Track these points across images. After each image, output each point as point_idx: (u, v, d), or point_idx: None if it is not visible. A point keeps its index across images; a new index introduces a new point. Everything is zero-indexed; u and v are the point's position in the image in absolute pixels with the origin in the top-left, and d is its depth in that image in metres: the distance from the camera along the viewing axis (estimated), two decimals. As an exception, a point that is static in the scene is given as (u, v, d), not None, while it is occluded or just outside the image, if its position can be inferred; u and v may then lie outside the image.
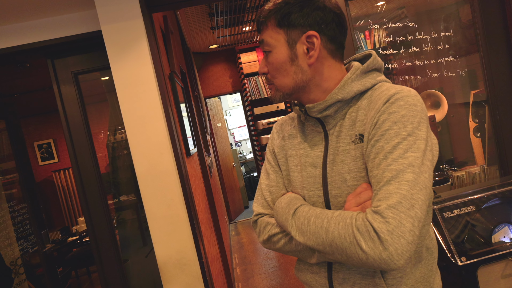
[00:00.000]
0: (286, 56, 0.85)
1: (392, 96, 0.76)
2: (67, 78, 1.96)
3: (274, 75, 0.88)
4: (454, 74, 2.11)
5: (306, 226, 0.79)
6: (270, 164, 1.02)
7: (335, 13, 0.85)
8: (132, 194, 2.58)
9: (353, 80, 0.85)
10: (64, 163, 5.98)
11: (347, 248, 0.70)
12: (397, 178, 0.69)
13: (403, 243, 0.65)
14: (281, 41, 0.85)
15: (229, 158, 5.84)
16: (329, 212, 0.77)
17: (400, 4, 2.35)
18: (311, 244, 0.78)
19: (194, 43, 4.62)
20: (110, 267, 2.00)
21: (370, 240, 0.67)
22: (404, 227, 0.66)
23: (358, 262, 0.70)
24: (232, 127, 8.12)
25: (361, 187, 0.78)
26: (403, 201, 0.67)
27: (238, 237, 4.92)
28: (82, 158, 1.97)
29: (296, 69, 0.85)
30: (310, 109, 0.87)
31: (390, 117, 0.74)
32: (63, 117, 1.96)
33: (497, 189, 1.60)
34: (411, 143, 0.71)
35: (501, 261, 1.41)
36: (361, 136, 0.81)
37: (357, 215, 0.72)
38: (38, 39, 1.79)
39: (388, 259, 0.66)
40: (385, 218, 0.67)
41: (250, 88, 4.96)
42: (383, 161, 0.72)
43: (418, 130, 0.73)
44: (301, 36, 0.84)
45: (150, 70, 1.54)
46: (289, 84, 0.87)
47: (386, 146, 0.73)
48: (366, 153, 0.78)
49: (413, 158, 0.70)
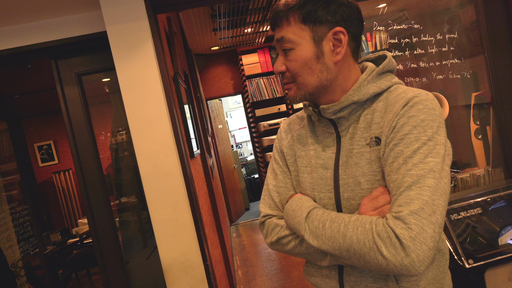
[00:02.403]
0: (312, 53, 0.81)
1: (411, 100, 0.75)
2: (71, 79, 1.95)
3: (297, 73, 0.84)
4: (456, 76, 2.11)
5: (321, 230, 0.78)
6: (278, 164, 1.01)
7: (358, 10, 0.84)
8: (133, 196, 2.57)
9: (369, 82, 0.84)
10: (64, 164, 5.96)
11: (366, 254, 0.69)
12: (418, 183, 0.68)
13: (425, 249, 0.65)
14: (306, 38, 0.81)
15: (230, 159, 5.83)
16: (346, 216, 0.76)
17: (402, 6, 2.35)
18: (326, 249, 0.77)
19: (196, 44, 4.62)
20: (112, 269, 1.99)
21: (392, 246, 0.66)
22: (426, 233, 0.65)
23: (377, 267, 0.69)
24: (232, 128, 8.12)
25: (378, 191, 0.77)
26: (425, 207, 0.66)
27: (240, 239, 4.91)
28: (85, 160, 1.96)
29: (322, 67, 0.82)
30: (324, 110, 0.86)
31: (409, 121, 0.73)
32: (66, 118, 1.95)
33: (503, 191, 1.59)
34: (431, 148, 0.71)
35: (508, 263, 1.41)
36: (377, 139, 0.80)
37: (376, 220, 0.71)
38: (42, 40, 1.78)
39: (409, 265, 0.65)
40: (407, 224, 0.66)
41: (252, 89, 4.96)
42: (402, 165, 0.71)
43: (437, 135, 0.72)
44: (328, 33, 0.81)
45: (155, 71, 1.53)
46: (313, 82, 0.83)
47: (406, 151, 0.72)
48: (383, 157, 0.77)
49: (434, 164, 0.69)
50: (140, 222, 2.63)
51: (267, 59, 4.98)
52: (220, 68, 5.35)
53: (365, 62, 0.91)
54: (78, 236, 4.27)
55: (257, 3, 3.39)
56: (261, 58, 4.96)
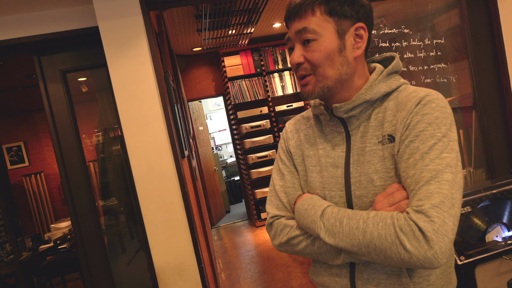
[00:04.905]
0: (335, 45, 0.82)
1: (423, 98, 0.77)
2: (55, 76, 1.86)
3: (318, 64, 0.83)
4: (430, 81, 2.17)
5: (338, 227, 0.78)
6: (285, 164, 1.00)
7: (372, 11, 0.87)
8: (112, 199, 2.49)
9: (380, 82, 0.85)
10: (36, 167, 5.70)
11: (387, 249, 0.70)
12: (436, 178, 0.70)
13: (447, 241, 0.66)
14: (330, 30, 0.82)
15: (211, 162, 5.78)
16: (364, 213, 0.76)
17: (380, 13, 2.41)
18: (344, 246, 0.77)
19: (178, 45, 4.55)
20: (98, 274, 1.91)
21: (415, 239, 0.67)
22: (447, 226, 0.67)
23: (398, 262, 0.70)
24: (212, 131, 8.05)
25: (393, 187, 0.78)
26: (445, 200, 0.68)
27: (221, 242, 4.86)
28: (70, 160, 1.88)
29: (343, 60, 0.83)
30: (337, 108, 0.86)
31: (424, 118, 0.75)
32: (50, 117, 1.86)
33: (488, 190, 1.66)
34: (445, 144, 0.73)
35: (496, 259, 1.47)
36: (390, 137, 0.81)
37: (397, 215, 0.71)
38: (24, 34, 1.69)
39: (432, 257, 0.66)
40: (429, 217, 0.67)
41: (234, 91, 4.94)
42: (419, 161, 0.72)
43: (450, 131, 0.74)
44: (351, 27, 0.83)
45: (149, 69, 1.49)
46: (333, 75, 0.83)
47: (422, 147, 0.73)
48: (398, 154, 0.78)
49: (450, 159, 0.71)
50: (118, 226, 2.54)
51: (250, 61, 4.98)
52: (202, 69, 5.29)
53: (372, 63, 0.93)
54: (52, 241, 4.08)
55: (242, 5, 3.38)
56: (244, 60, 4.95)
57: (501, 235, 1.55)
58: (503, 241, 1.51)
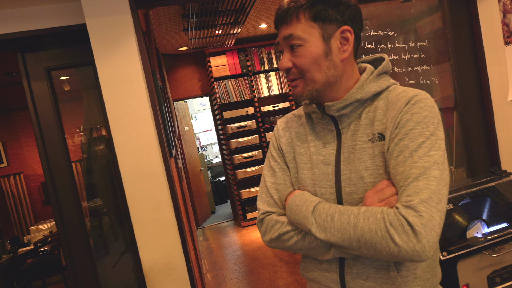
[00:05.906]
0: (321, 50, 0.84)
1: (413, 98, 0.81)
2: (39, 74, 1.83)
3: (305, 69, 0.86)
4: (414, 82, 2.23)
5: (330, 223, 0.80)
6: (276, 161, 1.01)
7: (360, 12, 0.88)
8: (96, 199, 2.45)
9: (370, 81, 0.88)
10: (15, 167, 5.53)
11: (377, 243, 0.72)
12: (425, 174, 0.72)
13: (434, 235, 0.69)
14: (315, 35, 0.84)
15: (196, 162, 5.75)
16: (355, 209, 0.78)
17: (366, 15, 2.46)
18: (335, 241, 0.79)
19: (164, 44, 4.52)
20: (84, 276, 1.88)
21: (404, 233, 0.69)
22: (435, 220, 0.69)
23: (387, 255, 0.72)
24: (197, 131, 8.01)
25: (382, 183, 0.80)
26: (433, 196, 0.71)
27: (207, 243, 4.84)
28: (54, 160, 1.84)
29: (329, 64, 0.85)
30: (329, 107, 0.88)
31: (413, 117, 0.78)
32: (34, 115, 1.82)
33: (468, 188, 1.72)
34: (433, 142, 0.76)
35: (476, 255, 1.52)
36: (380, 135, 0.83)
37: (387, 210, 0.74)
38: (8, 30, 1.65)
39: (421, 251, 0.69)
40: (418, 212, 0.70)
41: (220, 91, 4.93)
42: (408, 158, 0.75)
43: (437, 130, 0.77)
44: (336, 31, 0.85)
45: (138, 67, 1.48)
46: (321, 78, 0.86)
47: (411, 145, 0.76)
48: (388, 151, 0.80)
49: (437, 156, 0.74)
50: (101, 227, 2.50)
51: (236, 61, 4.98)
52: (187, 69, 5.26)
53: (362, 64, 0.95)
54: (32, 244, 3.97)
55: (229, 5, 3.39)
56: (230, 61, 4.95)
57: (481, 231, 1.61)
58: (483, 237, 1.57)
